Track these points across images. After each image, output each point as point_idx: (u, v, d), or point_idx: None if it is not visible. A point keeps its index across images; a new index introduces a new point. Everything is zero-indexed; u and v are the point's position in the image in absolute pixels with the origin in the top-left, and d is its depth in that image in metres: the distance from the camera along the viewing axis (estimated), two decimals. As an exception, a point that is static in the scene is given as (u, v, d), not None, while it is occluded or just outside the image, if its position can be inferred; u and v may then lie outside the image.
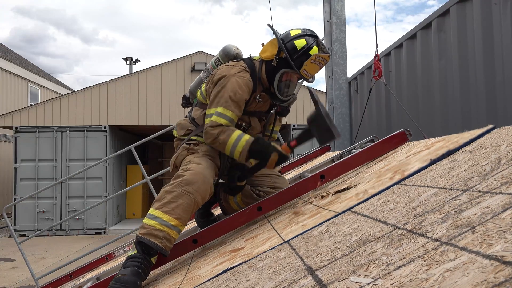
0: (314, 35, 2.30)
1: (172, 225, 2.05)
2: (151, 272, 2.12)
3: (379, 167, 2.00)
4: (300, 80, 2.37)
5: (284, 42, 2.27)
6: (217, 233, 2.23)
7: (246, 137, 2.22)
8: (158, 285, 2.00)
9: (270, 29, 2.39)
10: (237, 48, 2.57)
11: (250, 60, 2.40)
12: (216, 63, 2.59)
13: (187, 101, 2.76)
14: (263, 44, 2.38)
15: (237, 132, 2.23)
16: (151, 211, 2.10)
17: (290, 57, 2.24)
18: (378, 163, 2.12)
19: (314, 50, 2.26)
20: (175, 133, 2.51)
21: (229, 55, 2.57)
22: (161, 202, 2.09)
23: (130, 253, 2.06)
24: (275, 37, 2.33)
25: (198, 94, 2.48)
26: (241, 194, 2.49)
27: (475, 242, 0.74)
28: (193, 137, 2.37)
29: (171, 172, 2.43)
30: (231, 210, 2.51)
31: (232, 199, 2.52)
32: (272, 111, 2.46)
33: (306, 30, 2.32)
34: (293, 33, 2.29)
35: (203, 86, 2.44)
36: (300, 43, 2.25)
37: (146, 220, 2.09)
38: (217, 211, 2.86)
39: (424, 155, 1.71)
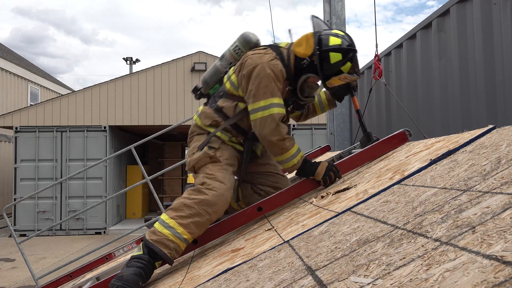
0: (352, 49, 2.18)
1: (184, 239, 2.06)
2: (151, 272, 2.12)
3: (379, 167, 2.00)
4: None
5: (320, 49, 2.15)
6: (217, 233, 2.23)
7: (301, 153, 2.24)
8: (158, 285, 2.00)
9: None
10: (255, 35, 2.43)
11: (276, 47, 2.30)
12: (236, 51, 2.43)
13: (200, 92, 2.57)
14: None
15: (296, 145, 2.24)
16: (165, 218, 2.09)
17: (320, 68, 2.16)
18: (378, 163, 2.12)
19: (347, 67, 2.16)
20: (198, 120, 2.39)
21: (250, 43, 2.40)
22: (178, 213, 2.08)
23: (135, 253, 2.07)
24: (312, 31, 2.22)
25: (228, 85, 2.33)
26: (241, 195, 2.50)
27: (475, 242, 0.74)
28: (217, 133, 2.29)
29: (187, 170, 2.35)
30: (232, 210, 2.51)
31: (232, 199, 2.52)
32: (289, 108, 2.40)
33: (346, 42, 2.18)
34: (332, 42, 2.16)
35: (233, 76, 2.31)
36: (335, 57, 2.14)
37: (159, 227, 2.08)
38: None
39: (424, 155, 1.71)
